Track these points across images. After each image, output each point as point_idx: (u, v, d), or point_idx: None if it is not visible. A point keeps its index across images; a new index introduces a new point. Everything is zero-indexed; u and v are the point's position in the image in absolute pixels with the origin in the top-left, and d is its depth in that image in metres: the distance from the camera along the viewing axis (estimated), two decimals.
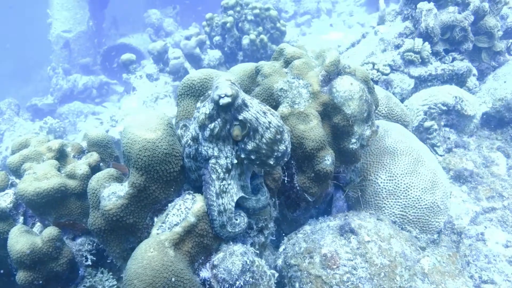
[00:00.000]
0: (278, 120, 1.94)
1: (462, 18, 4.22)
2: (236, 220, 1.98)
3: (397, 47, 4.42)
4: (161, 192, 1.98)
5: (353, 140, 2.44)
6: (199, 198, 1.94)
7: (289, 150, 2.01)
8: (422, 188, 2.70)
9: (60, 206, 2.53)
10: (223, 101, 1.80)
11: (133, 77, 9.31)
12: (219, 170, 1.92)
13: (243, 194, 2.01)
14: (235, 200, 1.96)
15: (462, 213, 3.12)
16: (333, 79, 2.46)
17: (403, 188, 2.70)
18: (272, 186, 2.33)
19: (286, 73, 2.50)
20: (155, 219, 2.02)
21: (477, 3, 4.23)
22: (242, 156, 1.93)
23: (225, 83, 1.85)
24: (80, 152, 3.02)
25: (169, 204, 1.99)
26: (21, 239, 2.34)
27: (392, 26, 4.73)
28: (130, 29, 21.94)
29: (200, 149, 1.93)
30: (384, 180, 2.75)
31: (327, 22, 14.07)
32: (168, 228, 1.85)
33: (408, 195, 2.69)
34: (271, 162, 1.94)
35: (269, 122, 1.91)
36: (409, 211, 2.69)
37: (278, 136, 1.92)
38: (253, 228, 2.11)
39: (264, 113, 1.93)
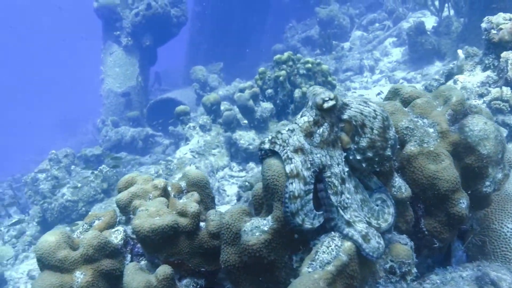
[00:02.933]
0: (379, 106, 1.91)
1: None
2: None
3: (481, 96, 4.36)
4: None
5: (487, 183, 2.30)
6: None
7: (396, 136, 1.95)
8: None
9: (171, 244, 2.45)
10: (327, 105, 1.82)
11: (186, 128, 9.51)
12: (336, 183, 1.83)
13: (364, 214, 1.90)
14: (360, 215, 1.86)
15: None
16: (460, 118, 2.37)
17: None
18: (403, 229, 2.19)
19: (408, 112, 2.44)
20: (294, 258, 1.91)
21: None
22: (358, 157, 1.87)
23: (322, 89, 1.89)
24: (180, 192, 2.99)
25: (311, 242, 1.88)
26: (137, 277, 2.26)
27: (472, 76, 4.70)
28: (170, 84, 22.98)
29: (312, 158, 1.84)
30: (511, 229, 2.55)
31: (371, 79, 14.24)
32: (320, 267, 1.72)
33: None
34: (389, 153, 1.88)
35: (374, 111, 1.88)
36: None
37: (386, 123, 1.88)
38: (395, 273, 1.95)
39: (365, 102, 1.92)
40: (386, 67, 14.54)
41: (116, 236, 2.52)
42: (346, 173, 1.88)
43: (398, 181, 2.14)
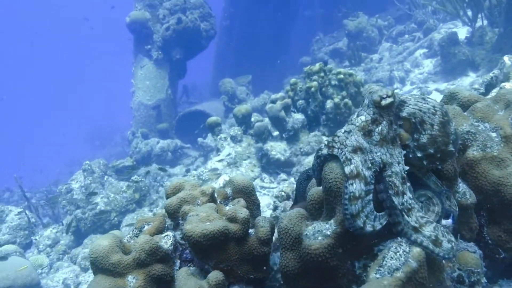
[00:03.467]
0: (437, 101, 1.87)
1: None
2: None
3: None
4: None
5: None
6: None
7: (457, 131, 1.91)
8: None
9: (221, 250, 2.42)
10: (385, 102, 1.79)
11: (217, 139, 9.55)
12: (397, 182, 1.75)
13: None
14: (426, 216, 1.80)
15: None
16: None
17: None
18: (468, 237, 2.09)
19: (468, 116, 2.35)
20: (356, 264, 1.84)
21: None
22: (419, 155, 1.81)
23: (378, 86, 1.87)
24: (226, 198, 2.96)
25: (375, 248, 1.81)
26: (189, 282, 2.23)
27: None
28: (198, 97, 23.26)
29: (372, 156, 1.79)
30: None
31: (401, 90, 14.02)
32: (388, 273, 1.64)
33: None
34: (452, 149, 1.81)
35: (433, 107, 1.82)
36: None
37: (446, 118, 1.82)
38: (464, 282, 1.85)
39: (423, 99, 1.85)
40: (417, 79, 14.28)
41: (166, 241, 2.51)
42: (405, 172, 1.81)
43: (462, 186, 2.05)
